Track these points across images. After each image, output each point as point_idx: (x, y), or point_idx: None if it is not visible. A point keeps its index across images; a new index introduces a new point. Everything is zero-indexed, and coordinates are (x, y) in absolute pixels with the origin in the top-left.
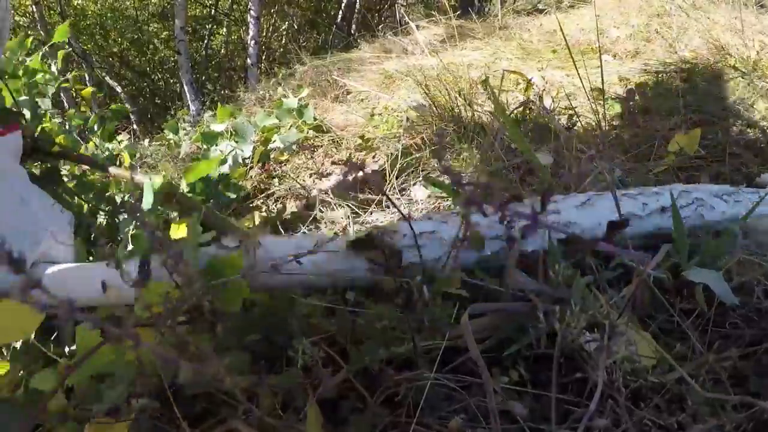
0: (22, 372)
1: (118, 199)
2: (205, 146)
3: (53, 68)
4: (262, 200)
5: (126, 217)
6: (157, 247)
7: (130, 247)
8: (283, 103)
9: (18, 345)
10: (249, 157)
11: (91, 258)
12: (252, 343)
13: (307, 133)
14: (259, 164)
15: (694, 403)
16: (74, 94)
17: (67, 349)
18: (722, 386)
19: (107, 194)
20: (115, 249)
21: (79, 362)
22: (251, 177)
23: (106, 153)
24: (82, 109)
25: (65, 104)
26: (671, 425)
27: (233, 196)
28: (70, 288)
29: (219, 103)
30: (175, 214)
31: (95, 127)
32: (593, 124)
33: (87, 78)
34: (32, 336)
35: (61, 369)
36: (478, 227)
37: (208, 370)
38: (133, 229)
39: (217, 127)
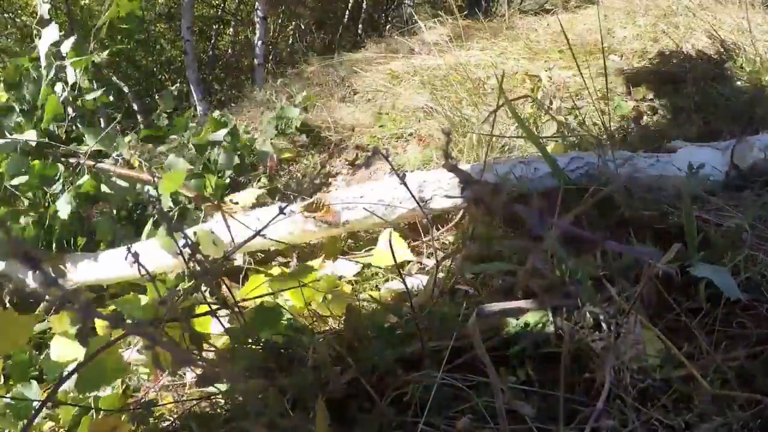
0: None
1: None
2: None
3: None
4: None
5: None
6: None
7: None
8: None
9: None
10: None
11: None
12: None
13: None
14: (266, 161)
15: (701, 402)
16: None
17: None
18: (729, 386)
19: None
20: None
21: (86, 361)
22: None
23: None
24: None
25: None
26: (678, 425)
27: None
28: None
29: (224, 104)
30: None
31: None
32: (600, 124)
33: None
34: None
35: None
36: None
37: (222, 375)
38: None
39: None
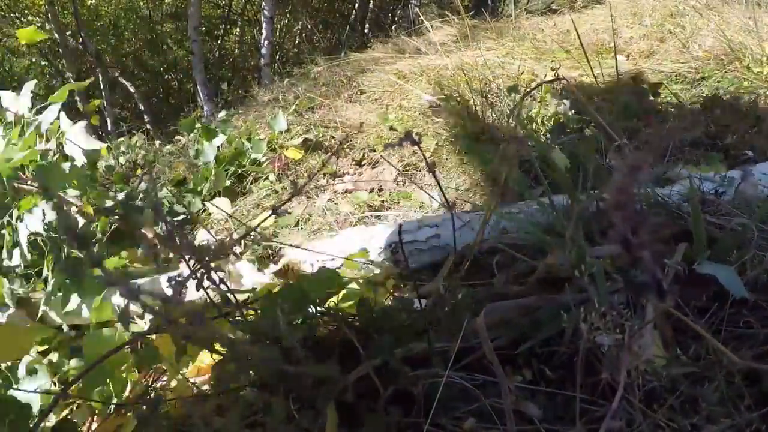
0: None
1: None
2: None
3: None
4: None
5: None
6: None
7: None
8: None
9: None
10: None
11: None
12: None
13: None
14: (273, 161)
15: (708, 403)
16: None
17: None
18: (736, 386)
19: None
20: None
21: (89, 369)
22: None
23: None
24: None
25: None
26: (685, 426)
27: None
28: None
29: (230, 104)
30: None
31: None
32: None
33: (100, 78)
34: None
35: None
36: None
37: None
38: None
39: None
